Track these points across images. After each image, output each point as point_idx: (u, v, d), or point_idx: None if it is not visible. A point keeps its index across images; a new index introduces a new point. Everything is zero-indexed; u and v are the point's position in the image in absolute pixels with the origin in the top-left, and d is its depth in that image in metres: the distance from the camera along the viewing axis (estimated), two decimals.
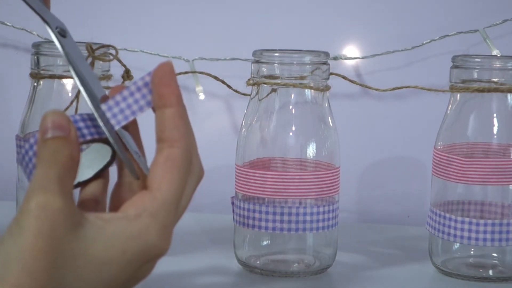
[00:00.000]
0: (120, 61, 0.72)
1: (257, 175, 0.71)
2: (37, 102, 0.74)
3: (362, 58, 0.97)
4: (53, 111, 0.47)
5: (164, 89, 0.49)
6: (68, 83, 0.74)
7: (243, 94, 0.77)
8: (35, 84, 0.74)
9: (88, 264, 0.46)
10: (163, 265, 0.75)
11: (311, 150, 0.73)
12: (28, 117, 0.74)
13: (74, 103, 0.70)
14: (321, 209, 0.71)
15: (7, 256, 0.44)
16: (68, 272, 0.45)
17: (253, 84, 0.73)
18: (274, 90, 0.73)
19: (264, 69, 0.72)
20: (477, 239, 0.71)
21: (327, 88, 0.73)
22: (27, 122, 0.74)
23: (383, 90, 0.77)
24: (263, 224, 0.71)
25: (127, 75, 0.74)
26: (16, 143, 0.74)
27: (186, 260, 0.77)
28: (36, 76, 0.74)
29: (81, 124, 0.48)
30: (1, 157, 1.00)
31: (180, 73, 0.78)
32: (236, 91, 0.78)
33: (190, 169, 0.51)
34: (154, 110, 0.50)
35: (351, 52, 0.98)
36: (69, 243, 0.45)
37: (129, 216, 0.48)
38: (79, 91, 0.70)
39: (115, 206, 0.51)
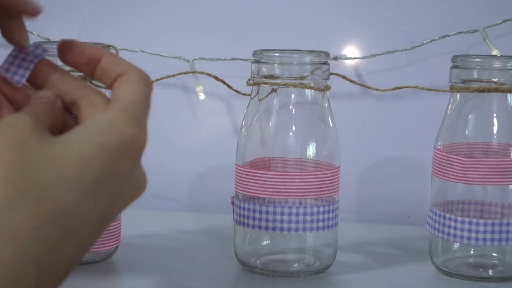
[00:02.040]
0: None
1: (257, 175, 0.71)
2: None
3: (362, 58, 0.97)
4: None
5: (87, 52, 0.52)
6: None
7: (243, 94, 0.77)
8: None
9: (67, 163, 0.45)
10: (164, 264, 0.75)
11: (311, 150, 0.73)
12: None
13: None
14: (321, 209, 0.71)
15: None
16: (47, 174, 0.44)
17: (253, 84, 0.73)
18: (274, 90, 0.73)
19: (264, 69, 0.72)
20: (477, 239, 0.71)
21: (327, 88, 0.73)
22: None
23: (383, 90, 0.77)
24: (263, 224, 0.71)
25: None
26: None
27: (186, 259, 0.77)
28: None
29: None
30: None
31: (180, 73, 0.78)
32: (236, 91, 0.78)
33: (150, 85, 0.51)
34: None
35: (351, 52, 0.98)
36: (43, 149, 0.45)
37: (98, 115, 0.48)
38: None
39: None
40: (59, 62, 0.53)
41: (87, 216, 0.45)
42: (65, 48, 0.52)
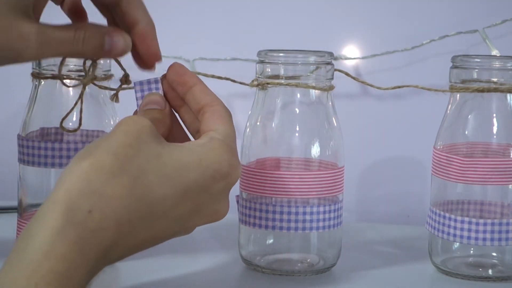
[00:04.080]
0: (119, 63, 0.72)
1: (261, 174, 0.71)
2: (39, 102, 0.74)
3: (362, 58, 0.97)
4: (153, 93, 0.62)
5: (184, 76, 0.62)
6: (69, 83, 0.74)
7: (247, 84, 0.76)
8: (37, 83, 0.74)
9: (169, 163, 0.53)
10: (167, 263, 0.75)
11: (315, 150, 0.73)
12: (30, 116, 0.74)
13: (78, 104, 0.70)
14: (325, 208, 0.72)
15: (96, 143, 0.52)
16: (150, 164, 0.52)
17: (258, 85, 0.73)
18: (264, 88, 0.73)
19: (269, 69, 0.73)
20: (476, 238, 0.71)
21: (331, 88, 0.73)
22: (29, 121, 0.74)
23: (385, 89, 0.77)
24: (267, 223, 0.71)
25: (125, 79, 0.74)
26: (18, 143, 0.74)
27: (191, 258, 0.77)
28: (37, 75, 0.74)
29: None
30: (3, 157, 1.00)
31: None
32: (241, 83, 0.77)
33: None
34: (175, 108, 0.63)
35: (351, 52, 0.98)
36: (153, 145, 0.53)
37: (204, 140, 0.57)
38: (82, 92, 0.70)
39: None
40: None
41: (168, 211, 0.53)
42: (172, 68, 0.63)
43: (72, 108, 0.68)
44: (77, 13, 0.65)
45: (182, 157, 0.54)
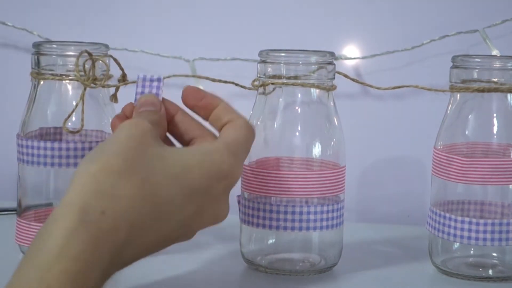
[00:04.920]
0: (117, 63, 0.72)
1: (263, 174, 0.71)
2: (38, 102, 0.74)
3: (362, 58, 0.97)
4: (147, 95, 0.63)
5: (205, 99, 0.63)
6: (68, 83, 0.74)
7: (249, 88, 0.76)
8: (36, 83, 0.74)
9: (173, 164, 0.54)
10: (169, 264, 0.75)
11: (316, 149, 0.73)
12: (29, 116, 0.74)
13: (80, 105, 0.70)
14: (325, 208, 0.72)
15: (101, 147, 0.54)
16: (156, 165, 0.53)
17: (260, 86, 0.73)
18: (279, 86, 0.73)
19: (270, 69, 0.73)
20: (477, 238, 0.71)
21: (333, 87, 0.73)
22: (28, 121, 0.74)
23: (385, 89, 0.77)
24: (268, 222, 0.71)
25: (123, 78, 0.74)
26: (17, 142, 0.74)
27: (192, 258, 0.77)
28: (36, 75, 0.74)
29: None
30: (2, 157, 1.00)
31: (180, 75, 0.78)
32: (243, 86, 0.77)
33: (253, 134, 0.62)
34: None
35: (351, 52, 0.98)
36: (156, 147, 0.55)
37: (205, 143, 0.59)
38: (83, 93, 0.70)
39: None
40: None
41: (175, 213, 0.54)
42: (188, 93, 0.63)
43: (74, 110, 0.68)
44: None
45: (185, 159, 0.55)
